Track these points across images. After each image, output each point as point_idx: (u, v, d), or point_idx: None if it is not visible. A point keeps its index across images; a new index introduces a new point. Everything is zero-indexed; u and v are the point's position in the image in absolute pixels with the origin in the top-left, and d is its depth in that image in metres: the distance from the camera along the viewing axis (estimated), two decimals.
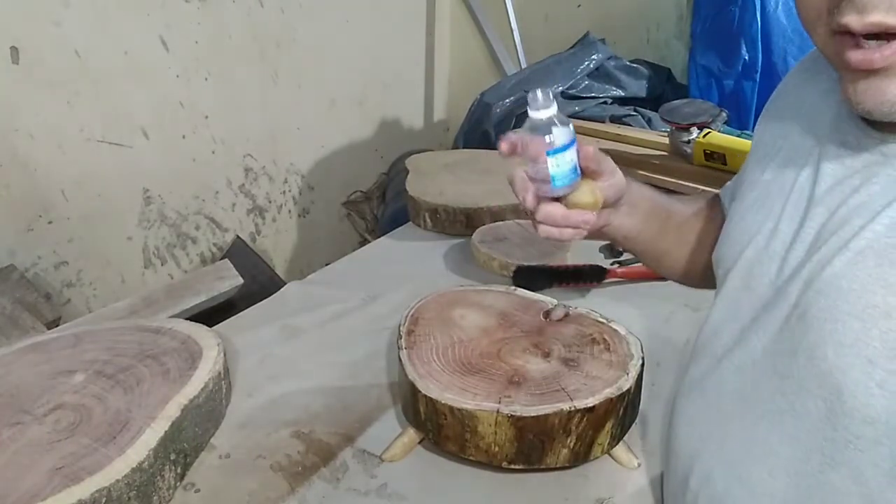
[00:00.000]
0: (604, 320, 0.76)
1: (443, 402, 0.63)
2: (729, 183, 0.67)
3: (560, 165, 0.58)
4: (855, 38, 0.39)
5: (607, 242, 1.18)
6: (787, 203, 0.50)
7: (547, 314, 0.78)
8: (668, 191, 1.31)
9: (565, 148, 0.59)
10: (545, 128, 0.58)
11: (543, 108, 0.59)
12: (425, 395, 0.64)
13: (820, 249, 0.45)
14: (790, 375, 0.45)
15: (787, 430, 0.46)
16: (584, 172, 0.60)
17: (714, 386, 0.54)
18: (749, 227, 0.53)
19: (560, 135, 0.59)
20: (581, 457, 0.65)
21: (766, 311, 0.49)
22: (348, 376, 0.83)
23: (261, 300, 1.03)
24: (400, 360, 0.70)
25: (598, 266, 1.03)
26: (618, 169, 0.60)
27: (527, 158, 0.59)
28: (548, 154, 0.58)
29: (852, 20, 0.38)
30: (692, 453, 0.55)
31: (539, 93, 0.58)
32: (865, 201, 0.43)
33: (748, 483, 0.49)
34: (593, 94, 1.82)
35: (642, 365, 0.68)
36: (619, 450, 0.68)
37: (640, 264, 1.12)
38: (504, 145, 0.58)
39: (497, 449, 0.63)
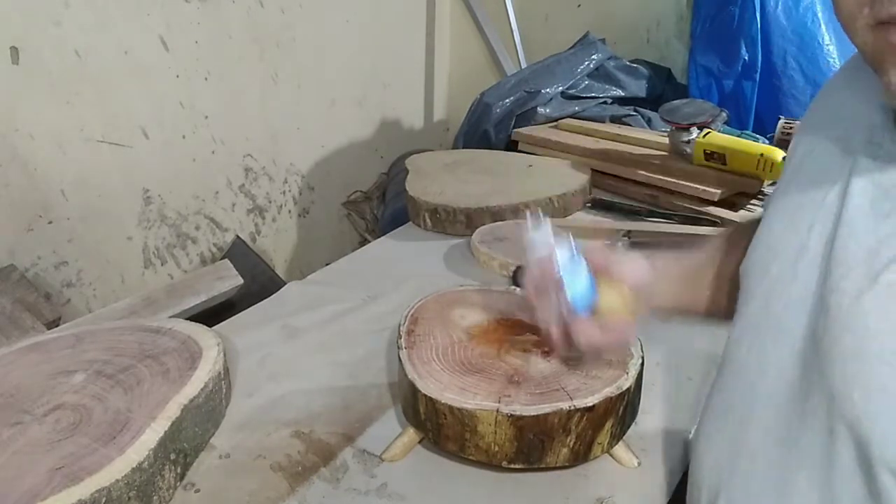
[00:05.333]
0: None
1: (443, 401, 0.63)
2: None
3: (574, 287, 0.59)
4: None
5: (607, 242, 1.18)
6: (816, 221, 0.47)
7: None
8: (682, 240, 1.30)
9: (574, 270, 0.59)
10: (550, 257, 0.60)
11: (542, 242, 0.60)
12: (425, 395, 0.64)
13: (847, 277, 0.42)
14: (818, 415, 0.43)
15: (816, 474, 0.43)
16: (601, 276, 0.61)
17: (738, 418, 0.51)
18: (776, 243, 0.51)
19: (564, 258, 0.59)
20: (581, 456, 0.65)
21: (789, 340, 0.46)
22: (348, 376, 0.83)
23: (261, 300, 1.03)
24: (400, 360, 0.70)
25: None
26: (631, 257, 0.62)
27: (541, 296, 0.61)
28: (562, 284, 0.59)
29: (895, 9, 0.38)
30: (717, 485, 0.53)
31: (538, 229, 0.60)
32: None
33: None
34: (593, 94, 1.82)
35: (642, 365, 0.68)
36: (619, 449, 0.68)
37: None
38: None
39: (497, 448, 0.63)
